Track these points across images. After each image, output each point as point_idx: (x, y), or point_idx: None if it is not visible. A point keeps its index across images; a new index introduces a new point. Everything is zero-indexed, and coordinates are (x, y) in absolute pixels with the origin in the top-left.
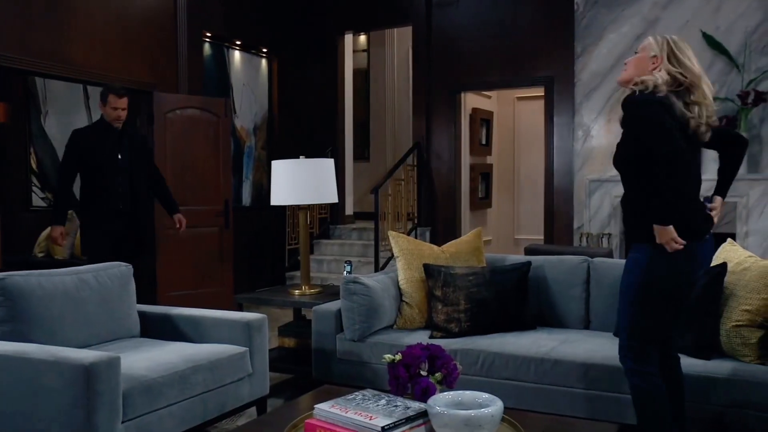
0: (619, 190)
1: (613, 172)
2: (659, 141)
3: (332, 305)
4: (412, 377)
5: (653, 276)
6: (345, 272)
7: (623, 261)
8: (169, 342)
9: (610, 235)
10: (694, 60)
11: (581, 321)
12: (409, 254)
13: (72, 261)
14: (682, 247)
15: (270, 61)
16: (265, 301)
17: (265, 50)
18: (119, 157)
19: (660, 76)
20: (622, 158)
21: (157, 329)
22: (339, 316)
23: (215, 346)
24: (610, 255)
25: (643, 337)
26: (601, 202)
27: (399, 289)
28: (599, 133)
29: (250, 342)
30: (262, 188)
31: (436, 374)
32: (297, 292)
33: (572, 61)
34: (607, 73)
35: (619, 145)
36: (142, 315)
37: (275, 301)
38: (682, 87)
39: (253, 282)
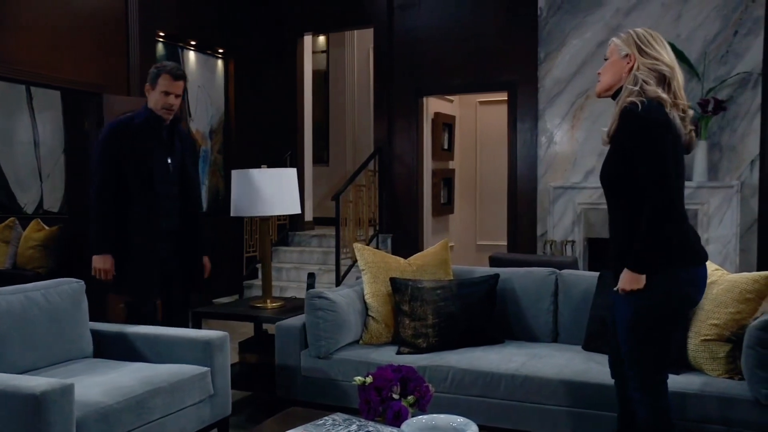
0: (583, 197)
1: (576, 179)
2: (665, 178)
3: (296, 320)
4: (384, 401)
5: (657, 307)
6: (307, 285)
7: (591, 273)
8: (125, 363)
9: (573, 242)
10: (664, 49)
11: (549, 334)
12: (374, 267)
13: (13, 272)
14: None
15: (226, 62)
16: (226, 315)
17: (221, 51)
18: (169, 161)
19: (641, 75)
20: (615, 176)
21: (112, 349)
22: (303, 331)
23: (175, 366)
24: (575, 263)
25: (654, 367)
26: (564, 209)
27: (365, 303)
28: (563, 139)
29: (211, 361)
30: (219, 194)
31: (409, 397)
32: (259, 305)
33: (535, 67)
34: (570, 79)
35: (613, 162)
36: (96, 334)
37: (236, 315)
38: (666, 80)
39: (209, 292)
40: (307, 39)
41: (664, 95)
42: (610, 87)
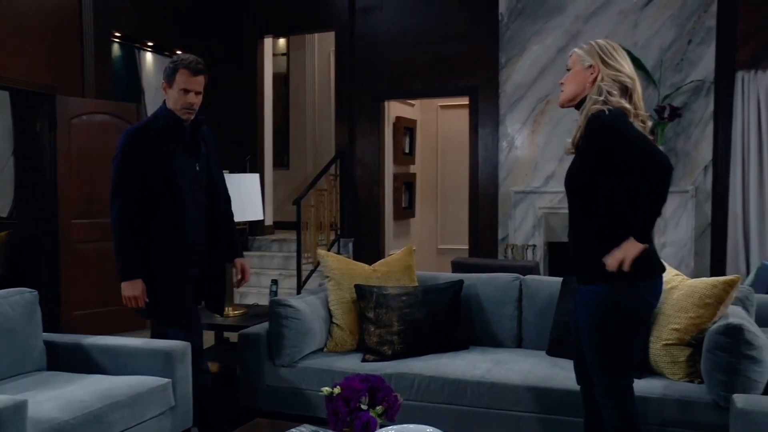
0: (544, 201)
1: (537, 184)
2: (655, 152)
3: (259, 328)
4: (352, 411)
5: (619, 313)
6: (270, 292)
7: (555, 279)
8: (82, 375)
9: (534, 246)
10: (625, 61)
11: (514, 339)
12: (339, 274)
13: None
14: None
15: None
16: None
17: (179, 53)
18: (197, 168)
19: (605, 86)
20: (580, 183)
21: (68, 361)
22: (267, 340)
23: (134, 378)
24: (537, 268)
25: (619, 372)
26: (525, 213)
27: (329, 310)
28: (523, 144)
29: (172, 372)
30: None
31: (377, 408)
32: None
33: (497, 72)
34: (531, 85)
35: (579, 168)
36: (50, 345)
37: None
38: (628, 91)
39: None
40: (268, 41)
41: (628, 105)
42: (574, 97)
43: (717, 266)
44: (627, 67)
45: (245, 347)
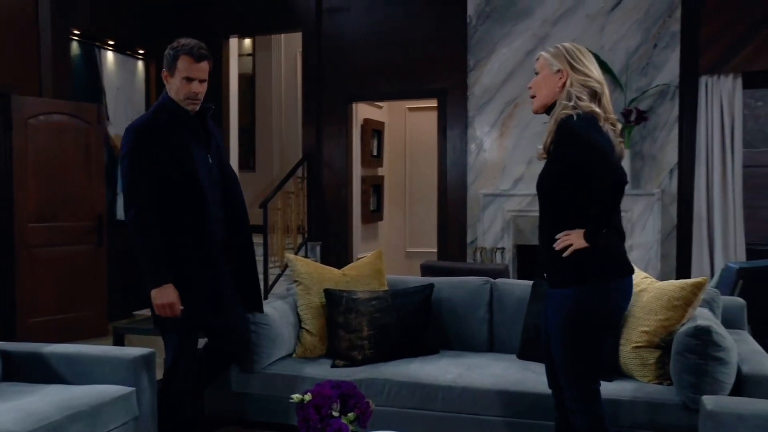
0: (512, 204)
1: (506, 186)
2: (609, 165)
3: None
4: (323, 419)
5: (589, 316)
6: None
7: (525, 282)
8: (40, 386)
9: (503, 249)
10: (592, 65)
11: (485, 343)
12: (308, 279)
13: None
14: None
15: (147, 64)
16: (150, 330)
17: (141, 52)
18: (209, 160)
19: (574, 91)
20: (551, 187)
21: (25, 371)
22: None
23: (96, 387)
24: (506, 271)
25: (588, 376)
26: (494, 216)
27: (298, 315)
28: (492, 147)
29: (136, 381)
30: None
31: (349, 414)
32: None
33: (465, 74)
34: (500, 87)
35: (550, 173)
36: (6, 354)
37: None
38: (597, 95)
39: (129, 304)
40: (233, 42)
41: (598, 109)
42: (546, 104)
43: (682, 268)
44: (595, 71)
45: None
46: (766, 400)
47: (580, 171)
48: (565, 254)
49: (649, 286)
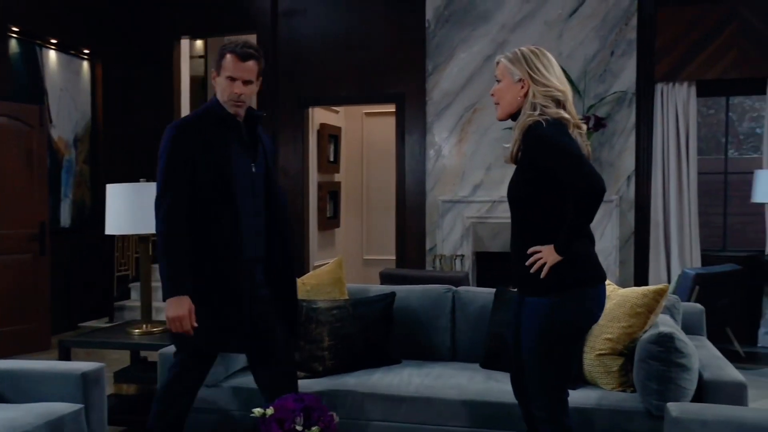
0: (472, 210)
1: (465, 193)
2: (587, 172)
3: None
4: None
5: (564, 325)
6: None
7: (488, 289)
8: None
9: (462, 256)
10: (552, 71)
11: (447, 352)
12: None
13: None
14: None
15: (93, 65)
16: (99, 344)
17: (86, 51)
18: (253, 170)
19: (538, 101)
20: (522, 194)
21: None
22: None
23: (43, 405)
24: (466, 279)
25: (557, 385)
26: (453, 223)
27: None
28: (451, 152)
29: (85, 397)
30: (85, 207)
31: (313, 428)
32: (137, 331)
33: (424, 79)
34: (459, 92)
35: (521, 180)
36: None
37: (112, 343)
38: (561, 103)
39: (73, 316)
40: (184, 43)
41: (566, 115)
42: (510, 112)
43: (640, 275)
44: (555, 79)
45: (166, 367)
46: (730, 406)
47: (553, 178)
48: (542, 275)
49: (611, 294)
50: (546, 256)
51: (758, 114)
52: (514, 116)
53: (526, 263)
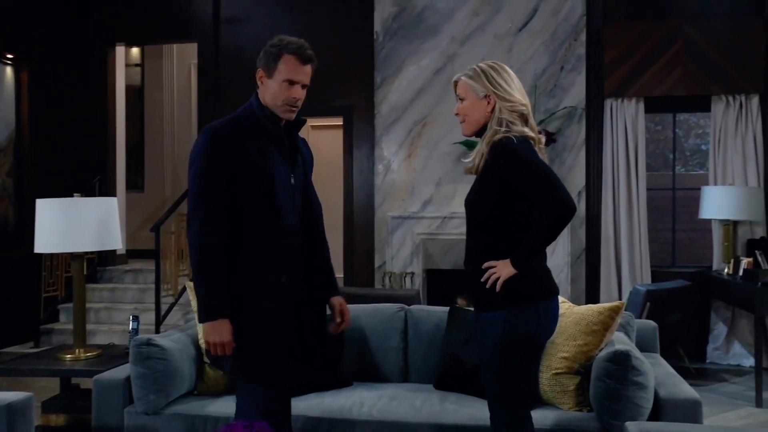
0: (422, 227)
1: (415, 209)
2: (559, 190)
3: (118, 372)
4: None
5: (519, 339)
6: (131, 329)
7: (441, 308)
8: None
9: (413, 274)
10: (514, 86)
11: (400, 373)
12: None
13: None
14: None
15: (18, 71)
16: (27, 371)
17: (10, 56)
18: (291, 181)
19: (505, 117)
20: (485, 207)
21: None
22: (128, 384)
23: None
24: (417, 297)
25: (517, 403)
26: (403, 239)
27: (199, 348)
28: (400, 167)
29: (10, 430)
30: (8, 223)
31: None
32: (68, 357)
33: (372, 92)
34: (408, 106)
35: (485, 193)
36: None
37: (42, 370)
38: (525, 118)
39: None
40: (119, 50)
41: (531, 133)
42: (478, 128)
43: (591, 291)
44: (517, 93)
45: (101, 394)
46: (687, 424)
47: (519, 193)
48: (497, 289)
49: (567, 311)
50: (500, 270)
51: (703, 131)
52: (479, 132)
53: (482, 279)
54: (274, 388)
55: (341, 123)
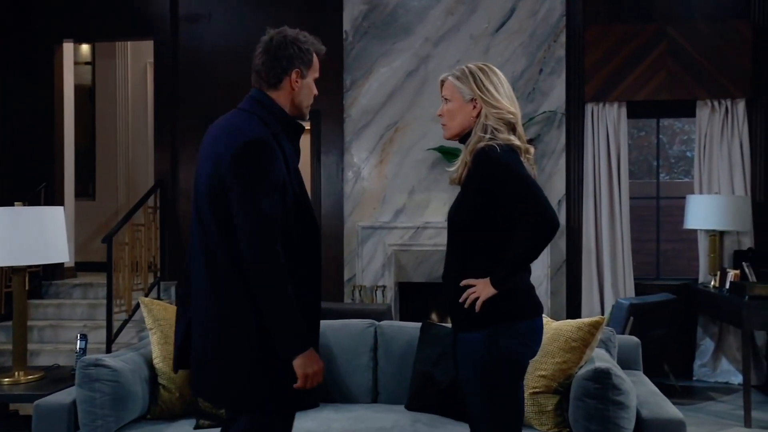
0: (394, 238)
1: (386, 218)
2: (542, 204)
3: (62, 396)
4: None
5: (501, 361)
6: (78, 348)
7: (413, 324)
8: None
9: (384, 287)
10: (503, 92)
11: (369, 394)
12: (166, 325)
13: None
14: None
15: None
16: None
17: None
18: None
19: (491, 124)
20: (469, 220)
21: None
22: (73, 410)
23: None
24: (389, 312)
25: (511, 427)
26: (374, 251)
27: (153, 369)
28: (371, 175)
29: None
30: None
31: None
32: (7, 380)
33: (341, 95)
34: (379, 110)
35: (469, 206)
36: None
37: None
38: (513, 126)
39: None
40: (68, 47)
41: (517, 142)
42: (460, 132)
43: (572, 305)
44: (505, 99)
45: (44, 421)
46: None
47: (502, 206)
48: (476, 309)
49: (545, 327)
50: (480, 289)
51: (688, 137)
52: (462, 138)
53: (460, 299)
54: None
55: (308, 127)
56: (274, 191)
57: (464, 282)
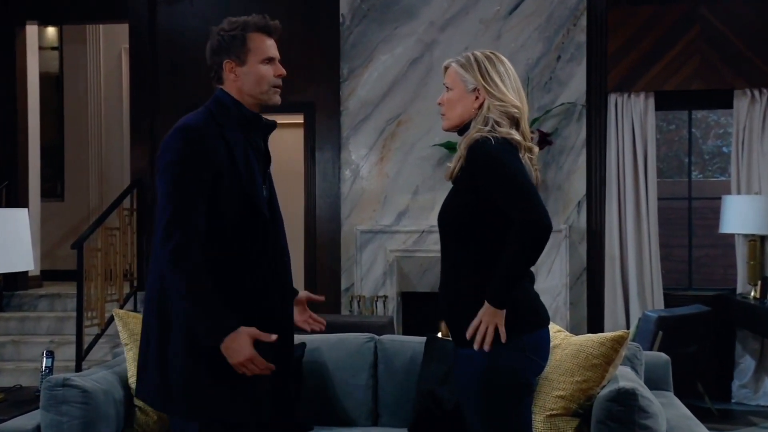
0: (396, 243)
1: (387, 221)
2: (535, 204)
3: (25, 421)
4: None
5: (506, 377)
6: (43, 367)
7: (417, 338)
8: None
9: (386, 298)
10: (509, 83)
11: (368, 415)
12: None
13: None
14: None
15: None
16: None
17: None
18: (264, 193)
19: (492, 116)
20: (460, 220)
21: None
22: None
23: None
24: (391, 325)
25: None
26: (374, 257)
27: (128, 389)
28: (371, 173)
29: None
30: None
31: None
32: None
33: (337, 85)
34: (379, 102)
35: (459, 204)
36: None
37: None
38: (516, 121)
39: None
40: (31, 30)
41: (518, 137)
42: (460, 123)
43: (594, 318)
44: (511, 92)
45: None
46: None
47: (494, 203)
48: (503, 339)
49: (563, 342)
50: (487, 321)
51: (724, 130)
52: (461, 129)
53: (475, 347)
54: None
55: (301, 121)
56: (187, 181)
57: (469, 332)
